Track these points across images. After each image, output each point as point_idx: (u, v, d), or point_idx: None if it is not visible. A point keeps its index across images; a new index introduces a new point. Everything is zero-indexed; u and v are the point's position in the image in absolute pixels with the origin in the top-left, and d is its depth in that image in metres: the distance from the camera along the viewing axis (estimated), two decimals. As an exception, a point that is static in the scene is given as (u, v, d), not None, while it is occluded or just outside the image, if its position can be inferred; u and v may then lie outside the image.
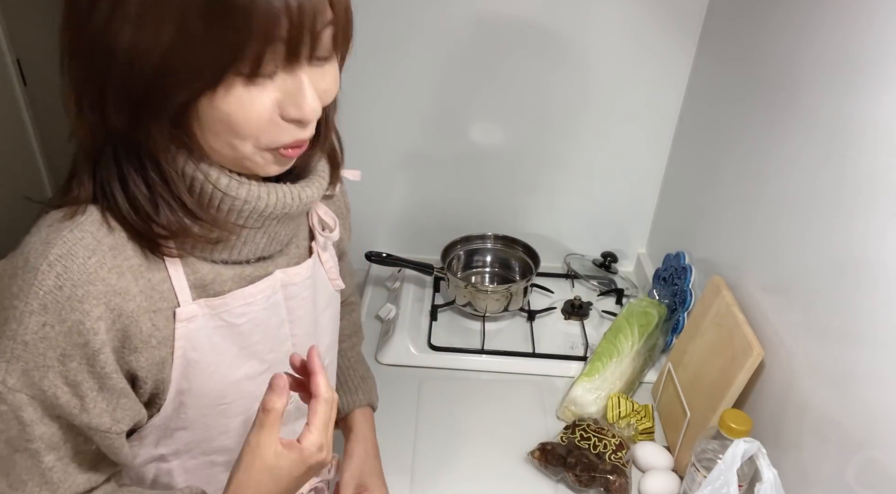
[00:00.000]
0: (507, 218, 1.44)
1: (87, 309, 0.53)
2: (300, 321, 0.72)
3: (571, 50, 1.25)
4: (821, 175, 0.82)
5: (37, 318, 0.52)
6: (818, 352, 0.81)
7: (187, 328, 0.61)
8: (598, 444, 0.98)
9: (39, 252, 0.53)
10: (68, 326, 0.53)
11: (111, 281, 0.55)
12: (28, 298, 0.52)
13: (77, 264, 0.53)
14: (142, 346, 0.58)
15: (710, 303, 1.04)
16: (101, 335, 0.55)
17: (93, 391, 0.56)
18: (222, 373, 0.65)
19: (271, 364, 0.69)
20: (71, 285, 0.53)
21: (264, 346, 0.68)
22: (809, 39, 0.87)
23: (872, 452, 0.71)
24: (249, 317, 0.65)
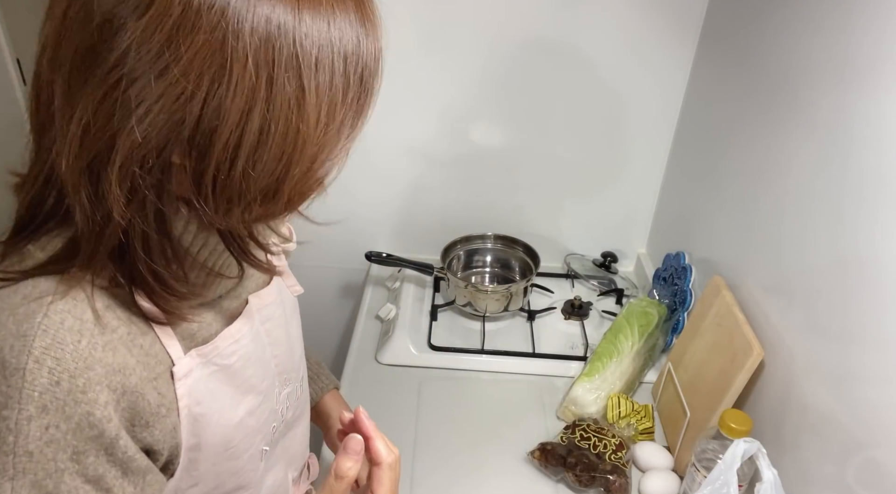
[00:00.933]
0: (507, 218, 1.44)
1: (93, 398, 0.47)
2: (278, 341, 0.70)
3: (571, 50, 1.25)
4: (821, 175, 0.82)
5: (37, 422, 0.45)
6: (818, 352, 0.81)
7: (187, 385, 0.56)
8: (598, 444, 0.98)
9: (18, 349, 0.45)
10: (76, 422, 0.47)
11: (108, 360, 0.48)
12: (21, 403, 0.45)
13: (69, 353, 0.46)
14: (153, 419, 0.53)
15: (710, 303, 1.04)
16: (114, 421, 0.49)
17: (117, 480, 0.51)
18: (226, 418, 0.61)
19: (266, 392, 0.67)
20: (69, 377, 0.46)
21: (257, 377, 0.65)
22: (809, 39, 0.87)
23: (872, 452, 0.71)
24: (239, 354, 0.62)
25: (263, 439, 0.67)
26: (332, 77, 0.46)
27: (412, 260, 1.33)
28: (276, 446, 0.72)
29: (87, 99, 0.43)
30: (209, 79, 0.42)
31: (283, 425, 0.73)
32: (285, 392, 0.72)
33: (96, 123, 0.44)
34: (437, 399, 1.13)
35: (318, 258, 1.51)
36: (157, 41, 0.41)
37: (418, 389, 1.15)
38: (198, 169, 0.46)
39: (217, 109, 0.43)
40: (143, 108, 0.43)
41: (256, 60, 0.43)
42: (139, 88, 0.42)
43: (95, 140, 0.44)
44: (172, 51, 0.41)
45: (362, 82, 0.49)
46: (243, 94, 0.43)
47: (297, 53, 0.44)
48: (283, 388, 0.71)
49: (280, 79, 0.44)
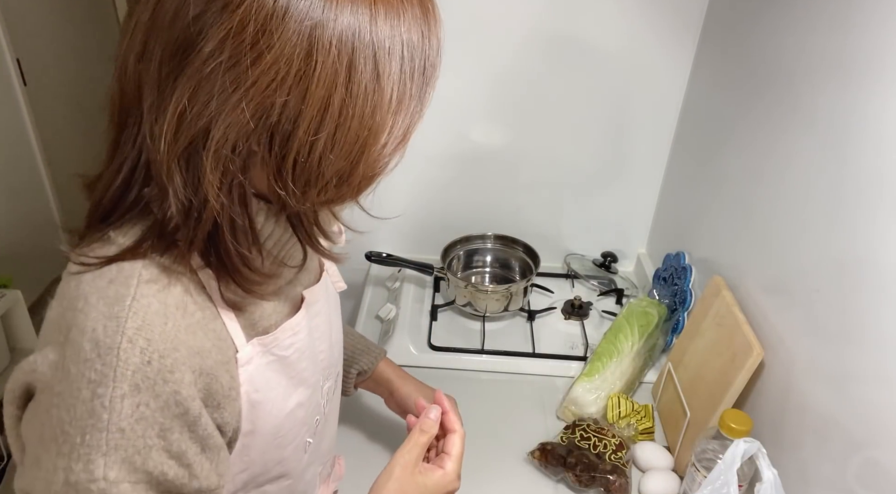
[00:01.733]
0: (507, 218, 1.44)
1: (180, 378, 0.50)
2: (323, 335, 0.71)
3: (571, 50, 1.25)
4: (821, 175, 0.82)
5: (130, 400, 0.47)
6: (818, 352, 0.81)
7: (248, 372, 0.58)
8: (598, 444, 0.98)
9: (111, 330, 0.48)
10: (164, 400, 0.49)
11: (190, 343, 0.51)
12: (115, 382, 0.47)
13: (157, 334, 0.49)
14: (224, 401, 0.55)
15: (710, 303, 1.04)
16: (197, 400, 0.51)
17: (197, 456, 0.53)
18: (279, 407, 0.63)
19: (314, 386, 0.69)
20: (159, 358, 0.48)
21: (308, 371, 0.67)
22: (809, 39, 0.87)
23: (872, 452, 0.71)
24: (296, 346, 0.64)
25: (308, 431, 0.70)
26: (402, 65, 0.50)
27: (412, 260, 1.33)
28: (319, 439, 0.75)
29: (182, 88, 0.46)
30: (297, 66, 0.45)
31: (324, 418, 0.75)
32: (327, 386, 0.74)
33: (192, 110, 0.46)
34: (437, 399, 1.13)
35: (318, 258, 1.51)
36: (251, 31, 0.44)
37: (419, 389, 1.15)
38: (280, 153, 0.49)
39: (303, 93, 0.46)
40: (237, 94, 0.46)
41: (339, 48, 0.46)
42: (234, 75, 0.45)
43: (191, 127, 0.47)
44: (266, 40, 0.44)
45: (424, 73, 0.54)
46: (326, 79, 0.46)
47: (374, 43, 0.47)
48: (326, 382, 0.74)
49: (359, 66, 0.47)
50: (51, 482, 0.47)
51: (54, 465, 0.47)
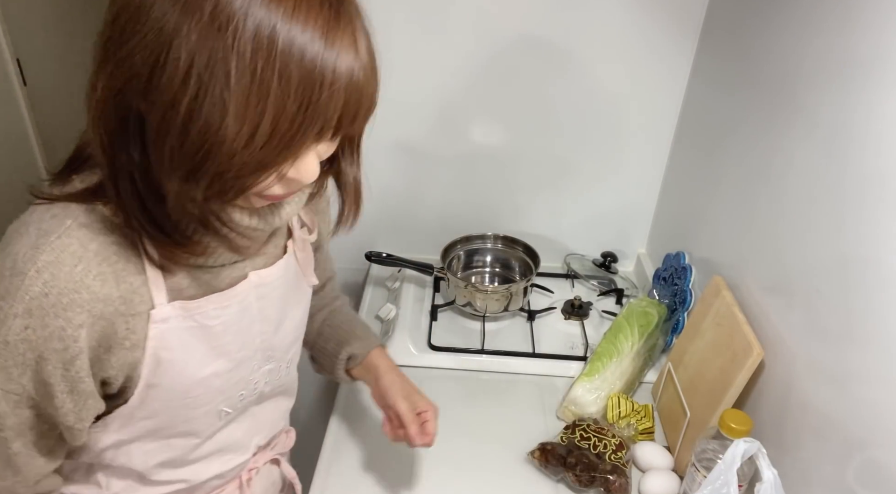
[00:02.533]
0: (507, 218, 1.44)
1: (70, 317, 0.55)
2: (269, 319, 0.74)
3: (572, 50, 1.25)
4: (821, 175, 0.82)
5: (21, 321, 0.54)
6: (819, 352, 0.81)
7: (160, 329, 0.62)
8: (598, 444, 0.98)
9: (28, 257, 0.53)
10: (50, 331, 0.54)
11: (95, 288, 0.56)
12: (14, 301, 0.53)
13: (64, 273, 0.54)
14: (116, 347, 0.60)
15: (710, 303, 1.04)
16: (80, 342, 0.56)
17: (63, 394, 0.58)
18: (191, 371, 0.66)
19: (240, 362, 0.72)
20: (57, 293, 0.54)
21: (234, 345, 0.70)
22: (810, 39, 0.87)
23: (872, 452, 0.71)
24: (223, 319, 0.67)
25: (226, 401, 0.72)
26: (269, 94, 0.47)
27: (412, 260, 1.33)
28: (243, 412, 0.77)
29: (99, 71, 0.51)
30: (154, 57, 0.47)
31: (255, 395, 0.77)
32: (266, 368, 0.76)
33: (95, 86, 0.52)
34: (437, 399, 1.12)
35: (318, 258, 1.51)
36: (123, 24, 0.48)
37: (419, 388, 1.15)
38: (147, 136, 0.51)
39: (158, 87, 0.48)
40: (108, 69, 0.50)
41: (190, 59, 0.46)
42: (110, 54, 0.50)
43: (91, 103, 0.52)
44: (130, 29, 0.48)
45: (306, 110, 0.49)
46: (175, 83, 0.47)
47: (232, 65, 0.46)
48: (265, 364, 0.76)
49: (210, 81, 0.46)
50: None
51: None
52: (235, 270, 0.67)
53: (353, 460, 1.01)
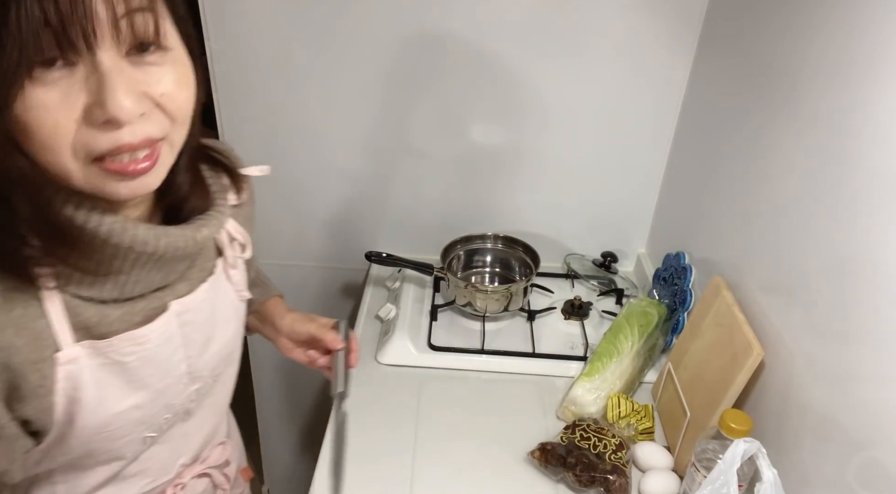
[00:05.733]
0: (507, 218, 1.44)
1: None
2: (194, 342, 0.69)
3: (572, 50, 1.25)
4: (821, 175, 0.82)
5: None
6: (818, 352, 0.81)
7: (68, 370, 0.58)
8: (598, 444, 0.98)
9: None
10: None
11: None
12: None
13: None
14: (30, 396, 0.56)
15: (710, 303, 1.04)
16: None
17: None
18: (107, 406, 0.62)
19: (162, 390, 0.67)
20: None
21: (155, 377, 0.66)
22: (810, 39, 0.87)
23: (872, 452, 0.71)
24: (139, 355, 0.63)
25: (148, 428, 0.68)
26: None
27: (412, 260, 1.33)
28: (167, 433, 0.73)
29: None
30: None
31: (182, 414, 0.74)
32: (193, 388, 0.72)
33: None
34: (437, 399, 1.13)
35: (318, 258, 1.51)
36: None
37: (418, 389, 1.15)
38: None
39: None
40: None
41: None
42: None
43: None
44: None
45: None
46: None
47: None
48: (191, 385, 0.72)
49: None
50: None
51: None
52: (153, 300, 0.63)
53: (352, 460, 1.01)
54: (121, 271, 0.58)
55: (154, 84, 0.51)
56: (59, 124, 0.48)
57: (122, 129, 0.49)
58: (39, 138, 0.48)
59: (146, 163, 0.52)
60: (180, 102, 0.54)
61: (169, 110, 0.53)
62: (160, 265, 0.60)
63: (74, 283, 0.57)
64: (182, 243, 0.58)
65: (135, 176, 0.52)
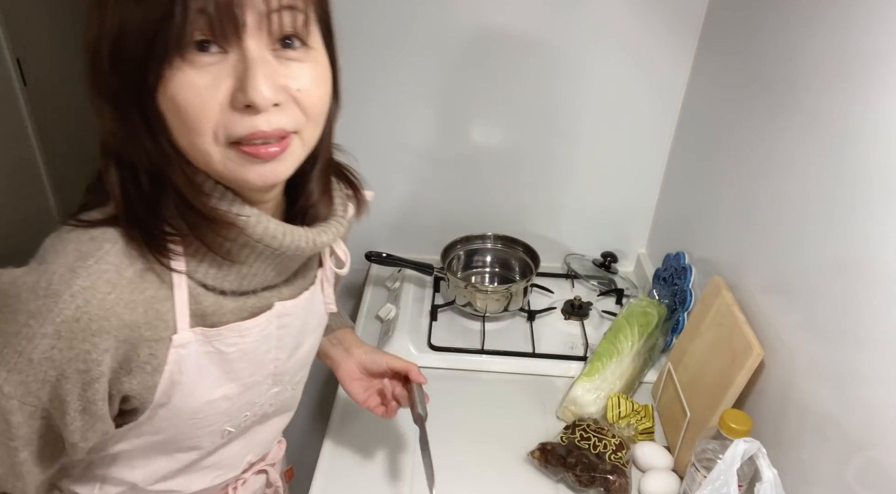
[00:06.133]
0: (507, 218, 1.44)
1: (97, 342, 0.55)
2: (286, 346, 0.73)
3: (572, 50, 1.25)
4: (821, 175, 0.82)
5: (48, 341, 0.54)
6: (818, 352, 0.81)
7: (178, 353, 0.62)
8: (598, 444, 0.98)
9: (65, 280, 0.54)
10: (75, 353, 0.55)
11: (125, 316, 0.56)
12: (44, 321, 0.53)
13: (97, 299, 0.54)
14: (136, 370, 0.60)
15: (710, 303, 1.04)
16: (102, 365, 0.57)
17: (75, 411, 0.59)
18: (201, 393, 0.66)
19: (250, 386, 0.71)
20: (88, 319, 0.54)
21: (247, 371, 0.70)
22: (809, 39, 0.87)
23: (872, 452, 0.71)
24: (239, 347, 0.67)
25: (230, 422, 0.72)
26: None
27: (412, 260, 1.33)
28: (244, 432, 0.77)
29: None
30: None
31: (258, 417, 0.77)
32: (274, 391, 0.76)
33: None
34: (437, 399, 1.13)
35: (318, 258, 1.51)
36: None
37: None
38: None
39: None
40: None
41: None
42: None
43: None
44: None
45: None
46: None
47: None
48: (273, 387, 0.75)
49: None
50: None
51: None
52: (262, 299, 0.67)
53: (352, 460, 1.01)
54: (245, 261, 0.62)
55: (293, 78, 0.54)
56: (206, 105, 0.51)
57: (259, 116, 0.53)
58: (186, 118, 0.52)
59: (276, 148, 0.55)
60: (315, 99, 0.56)
61: (303, 106, 0.55)
62: (277, 263, 0.64)
63: (202, 271, 0.61)
64: (304, 243, 0.62)
65: (266, 159, 0.55)
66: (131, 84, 0.51)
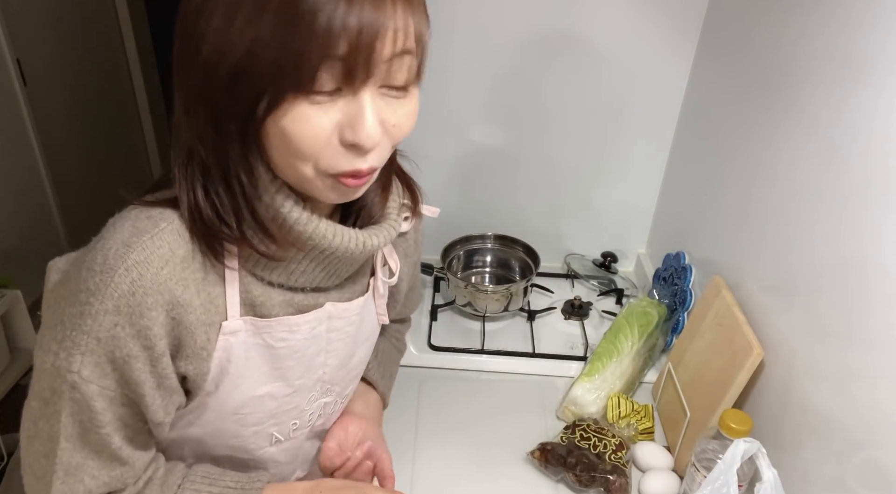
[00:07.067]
0: (507, 218, 1.44)
1: (155, 316, 0.56)
2: (337, 352, 0.73)
3: (571, 50, 1.25)
4: (821, 175, 0.82)
5: (110, 318, 0.55)
6: (818, 352, 0.81)
7: (228, 341, 0.63)
8: (598, 444, 0.98)
9: (119, 254, 0.55)
10: (136, 329, 0.56)
11: (177, 293, 0.57)
12: (104, 297, 0.54)
13: (151, 273, 0.55)
14: (193, 356, 0.61)
15: (710, 303, 1.04)
16: (164, 340, 0.58)
17: (152, 390, 0.60)
18: (247, 386, 0.67)
19: (298, 389, 0.71)
20: (143, 293, 0.55)
21: (296, 371, 0.70)
22: (810, 39, 0.87)
23: (872, 452, 0.71)
24: (289, 343, 0.67)
25: (278, 427, 0.72)
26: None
27: (412, 260, 1.33)
28: (293, 444, 0.77)
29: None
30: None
31: (307, 428, 0.76)
32: (323, 401, 0.76)
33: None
34: (437, 399, 1.13)
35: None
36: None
37: (418, 389, 1.15)
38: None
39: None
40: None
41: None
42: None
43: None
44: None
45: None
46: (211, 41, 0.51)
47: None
48: (323, 397, 0.75)
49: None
50: (44, 358, 0.57)
51: (49, 346, 0.57)
52: (312, 298, 0.67)
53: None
54: (293, 258, 0.62)
55: (391, 115, 0.56)
56: (315, 138, 0.53)
57: (362, 156, 0.55)
58: (293, 147, 0.53)
59: (364, 179, 0.58)
60: (405, 132, 0.59)
61: (394, 139, 0.58)
62: (325, 263, 0.64)
63: (252, 261, 0.62)
64: (353, 245, 0.62)
65: (347, 187, 0.57)
66: (242, 105, 0.51)
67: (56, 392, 0.57)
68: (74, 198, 2.37)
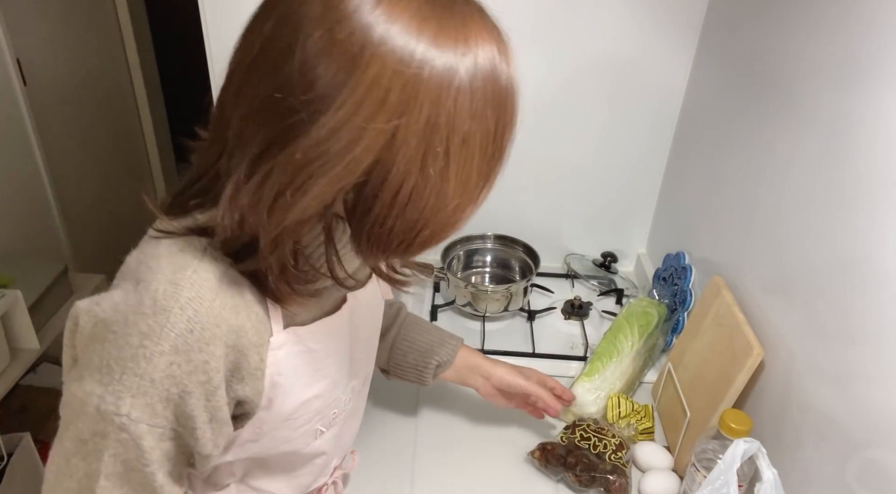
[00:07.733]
0: (507, 218, 1.44)
1: (213, 350, 0.56)
2: (359, 341, 0.76)
3: (571, 49, 1.25)
4: (821, 175, 0.82)
5: (167, 358, 0.54)
6: (818, 352, 0.81)
7: (276, 356, 0.63)
8: (598, 444, 0.98)
9: (170, 294, 0.54)
10: (194, 365, 0.55)
11: (231, 321, 0.57)
12: (160, 339, 0.53)
13: (205, 308, 0.55)
14: (248, 377, 0.61)
15: (711, 303, 1.04)
16: (221, 372, 0.57)
17: (204, 424, 0.59)
18: (297, 393, 0.67)
19: (336, 381, 0.73)
20: (200, 329, 0.55)
21: (333, 367, 0.72)
22: (810, 39, 0.87)
23: (872, 452, 0.71)
24: (327, 343, 0.69)
25: (322, 420, 0.74)
26: (475, 151, 0.55)
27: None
28: (335, 432, 0.79)
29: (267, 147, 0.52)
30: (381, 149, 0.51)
31: (344, 413, 0.79)
32: (352, 384, 0.78)
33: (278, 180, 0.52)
34: (437, 399, 1.13)
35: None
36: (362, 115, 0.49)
37: (418, 389, 1.15)
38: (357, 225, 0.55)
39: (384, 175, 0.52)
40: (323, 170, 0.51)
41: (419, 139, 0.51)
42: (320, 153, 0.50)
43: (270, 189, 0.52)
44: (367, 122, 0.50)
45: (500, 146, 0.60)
46: (405, 164, 0.51)
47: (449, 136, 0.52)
48: (352, 380, 0.78)
49: (433, 152, 0.52)
50: (86, 402, 0.55)
51: (92, 390, 0.54)
52: (336, 290, 0.68)
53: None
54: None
55: None
56: None
57: None
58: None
59: None
60: None
61: None
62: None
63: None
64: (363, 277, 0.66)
65: None
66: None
67: (98, 434, 0.56)
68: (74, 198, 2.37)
